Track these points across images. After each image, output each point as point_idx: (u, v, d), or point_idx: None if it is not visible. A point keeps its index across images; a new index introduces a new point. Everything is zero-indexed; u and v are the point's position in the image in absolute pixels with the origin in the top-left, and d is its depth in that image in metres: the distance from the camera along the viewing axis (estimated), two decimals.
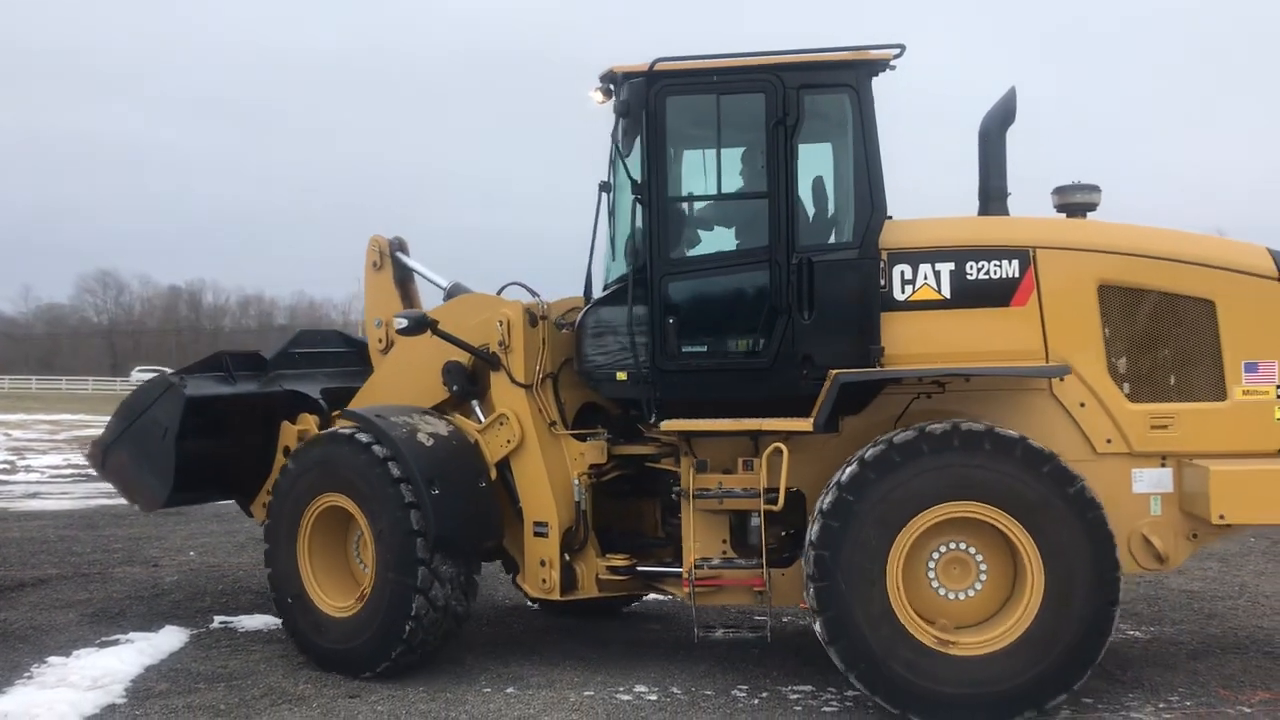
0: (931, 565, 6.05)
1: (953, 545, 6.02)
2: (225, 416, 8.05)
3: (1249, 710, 6.15)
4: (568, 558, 6.90)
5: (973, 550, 6.02)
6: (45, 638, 7.84)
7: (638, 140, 6.70)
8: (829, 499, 6.01)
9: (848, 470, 5.99)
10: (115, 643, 7.64)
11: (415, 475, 6.61)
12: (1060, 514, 5.79)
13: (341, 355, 9.06)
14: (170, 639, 7.77)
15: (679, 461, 6.74)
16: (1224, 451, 6.19)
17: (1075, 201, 6.74)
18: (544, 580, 6.87)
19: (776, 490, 6.29)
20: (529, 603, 8.75)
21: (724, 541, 6.62)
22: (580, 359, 6.94)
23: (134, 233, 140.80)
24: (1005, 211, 6.80)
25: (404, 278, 8.22)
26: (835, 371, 6.19)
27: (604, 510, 7.17)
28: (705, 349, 6.62)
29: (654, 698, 6.44)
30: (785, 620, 8.13)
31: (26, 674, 6.92)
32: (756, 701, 6.38)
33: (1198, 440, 6.25)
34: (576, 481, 6.93)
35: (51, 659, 7.20)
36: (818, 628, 6.03)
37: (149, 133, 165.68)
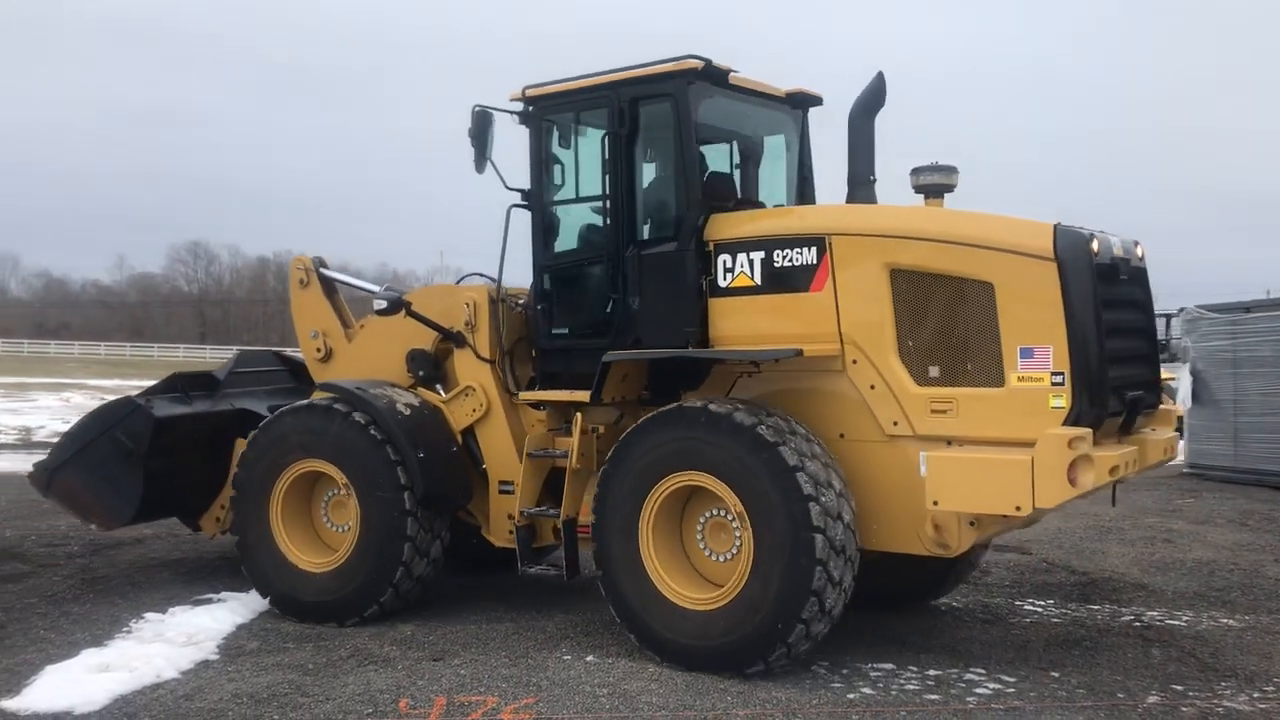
0: (700, 530, 6.61)
1: (716, 512, 6.50)
2: (182, 436, 8.38)
3: None
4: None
5: (730, 516, 6.40)
6: (142, 595, 8.12)
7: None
8: (600, 472, 6.75)
9: (613, 448, 6.71)
10: (208, 601, 7.88)
11: (400, 440, 7.31)
12: (759, 479, 6.11)
13: (276, 374, 9.60)
14: (260, 599, 7.97)
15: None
16: (1001, 439, 5.96)
17: (931, 183, 6.70)
18: (510, 531, 7.45)
19: (591, 453, 7.11)
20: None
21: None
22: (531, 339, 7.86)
23: (223, 204, 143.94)
24: (872, 197, 7.01)
25: (330, 291, 8.73)
26: (606, 354, 6.85)
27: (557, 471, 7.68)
28: (567, 331, 7.44)
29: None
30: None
31: (126, 629, 7.17)
32: (836, 678, 6.35)
33: (977, 426, 6.08)
34: None
35: (149, 615, 7.46)
36: (600, 585, 6.73)
37: (233, 104, 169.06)
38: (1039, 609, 8.12)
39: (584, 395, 7.00)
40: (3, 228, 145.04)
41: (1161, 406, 6.94)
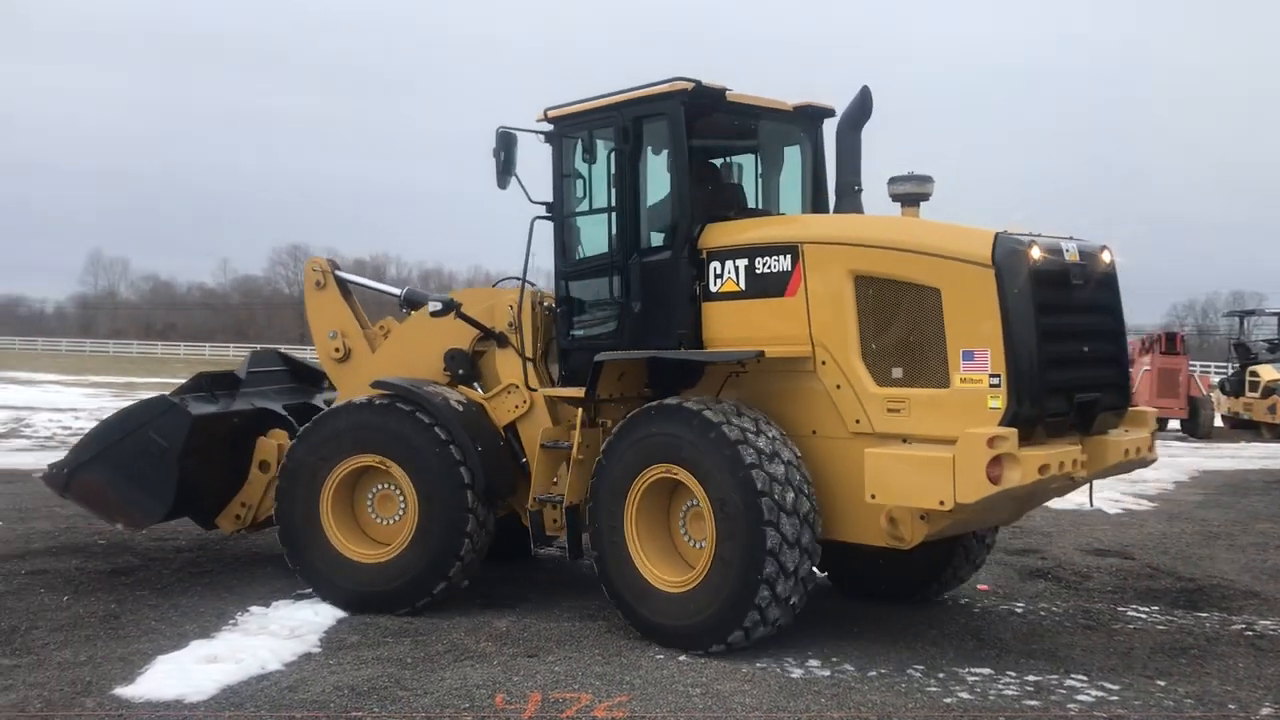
0: (683, 518, 7.03)
1: (696, 502, 6.84)
2: (209, 435, 8.52)
3: None
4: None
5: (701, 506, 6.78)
6: (247, 588, 8.34)
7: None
8: (596, 463, 7.17)
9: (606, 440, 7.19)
10: (310, 596, 8.03)
11: (462, 436, 7.59)
12: (720, 472, 6.52)
13: (281, 373, 9.82)
14: None
15: None
16: (945, 437, 6.17)
17: (907, 192, 7.01)
18: (554, 520, 7.73)
19: (594, 445, 7.38)
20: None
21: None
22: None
23: (321, 207, 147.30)
24: (859, 205, 7.48)
25: (345, 292, 9.09)
26: (598, 355, 7.24)
27: None
28: (583, 332, 7.88)
29: (826, 673, 6.41)
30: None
31: (232, 621, 7.39)
32: (932, 682, 6.27)
33: (927, 425, 6.39)
34: None
35: (253, 609, 7.66)
36: (594, 566, 7.20)
37: (330, 108, 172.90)
38: (1143, 615, 7.91)
39: (581, 392, 7.42)
40: (113, 233, 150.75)
41: (1136, 408, 7.18)
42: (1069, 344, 6.47)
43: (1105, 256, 6.82)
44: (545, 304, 8.27)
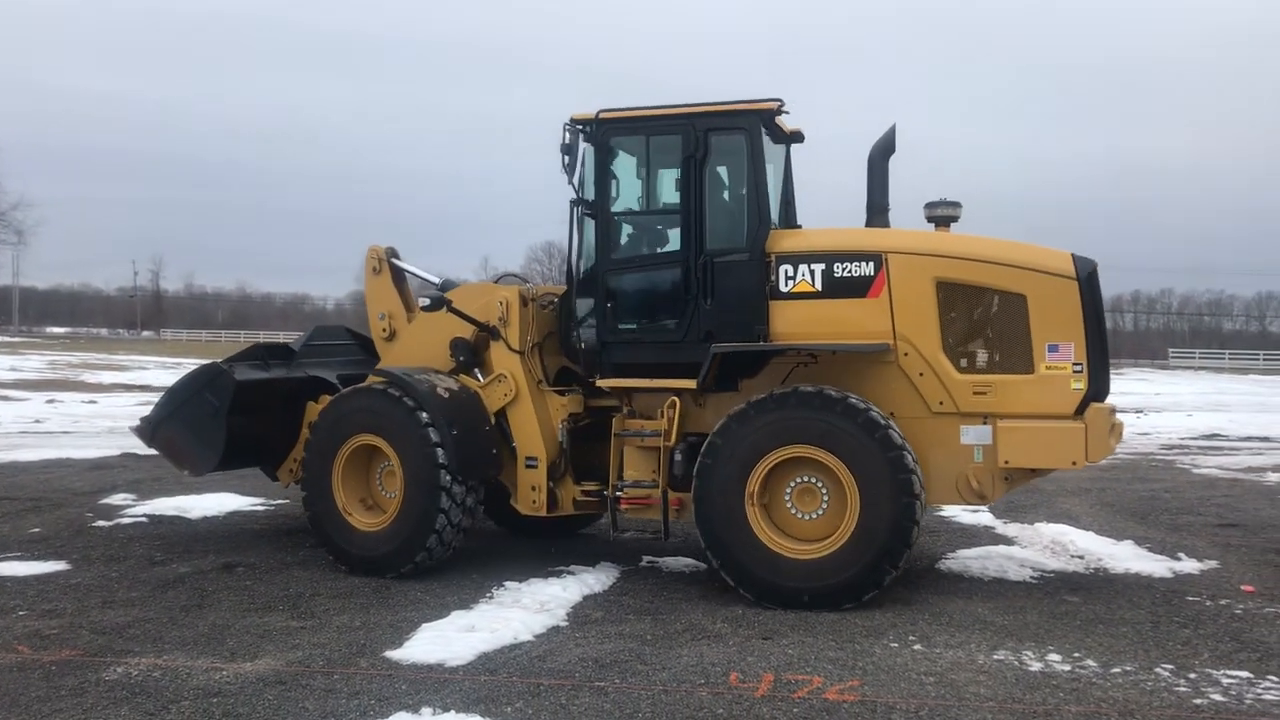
0: (789, 494, 7.74)
1: (803, 479, 7.70)
2: (261, 397, 9.52)
3: None
4: (551, 484, 8.67)
5: (818, 482, 7.66)
6: (503, 565, 8.89)
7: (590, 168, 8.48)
8: (706, 442, 7.80)
9: (720, 422, 7.77)
10: (559, 574, 8.53)
11: (439, 420, 8.29)
12: (870, 454, 7.36)
13: (348, 347, 10.79)
14: (605, 574, 8.57)
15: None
16: (1031, 413, 7.64)
17: (940, 215, 8.20)
18: (534, 501, 8.65)
19: (681, 433, 8.18)
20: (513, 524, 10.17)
21: (653, 471, 8.29)
22: (560, 333, 8.93)
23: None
24: (886, 224, 8.38)
25: (398, 279, 9.83)
26: (714, 345, 7.91)
27: (579, 449, 8.83)
28: (635, 326, 8.44)
29: (1066, 668, 6.26)
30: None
31: (488, 595, 7.93)
32: (1182, 683, 6.02)
33: (1011, 404, 7.68)
34: (560, 426, 8.69)
35: (508, 584, 8.18)
36: (701, 539, 7.79)
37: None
38: None
39: (689, 383, 8.06)
40: (387, 233, 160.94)
41: None
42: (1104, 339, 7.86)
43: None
44: (537, 299, 8.91)
